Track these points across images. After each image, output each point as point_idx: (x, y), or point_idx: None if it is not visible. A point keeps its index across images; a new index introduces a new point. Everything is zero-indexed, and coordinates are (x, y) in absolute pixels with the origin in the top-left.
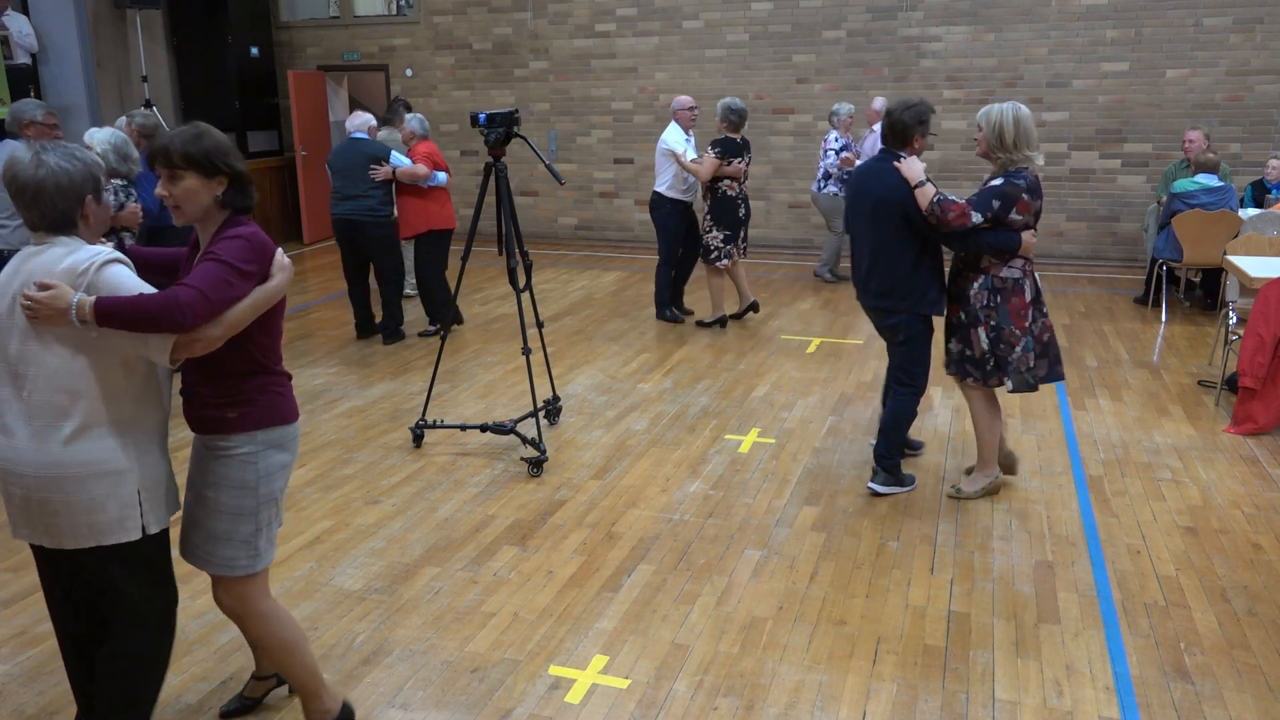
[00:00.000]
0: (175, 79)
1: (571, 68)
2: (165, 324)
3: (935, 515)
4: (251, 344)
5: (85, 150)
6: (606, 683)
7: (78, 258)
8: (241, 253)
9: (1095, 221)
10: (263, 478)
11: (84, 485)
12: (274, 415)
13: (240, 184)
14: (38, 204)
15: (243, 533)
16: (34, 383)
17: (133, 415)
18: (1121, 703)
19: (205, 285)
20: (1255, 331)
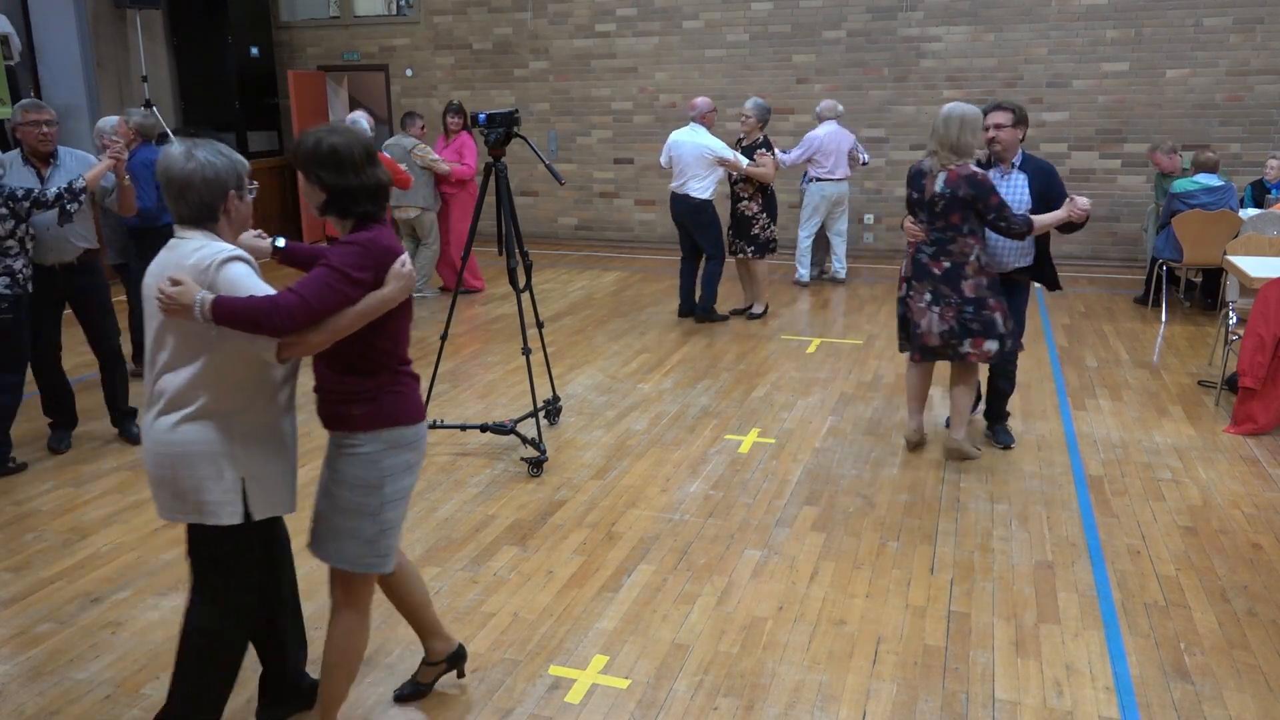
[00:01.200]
0: (175, 79)
1: (571, 68)
2: (266, 327)
3: (935, 515)
4: (373, 346)
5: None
6: (606, 683)
7: (203, 254)
8: (354, 259)
9: (1095, 221)
10: (386, 477)
11: (191, 466)
12: (397, 415)
13: (338, 196)
14: (185, 196)
15: (367, 532)
16: (162, 369)
17: (244, 408)
18: (1121, 703)
19: (309, 292)
20: (1255, 331)
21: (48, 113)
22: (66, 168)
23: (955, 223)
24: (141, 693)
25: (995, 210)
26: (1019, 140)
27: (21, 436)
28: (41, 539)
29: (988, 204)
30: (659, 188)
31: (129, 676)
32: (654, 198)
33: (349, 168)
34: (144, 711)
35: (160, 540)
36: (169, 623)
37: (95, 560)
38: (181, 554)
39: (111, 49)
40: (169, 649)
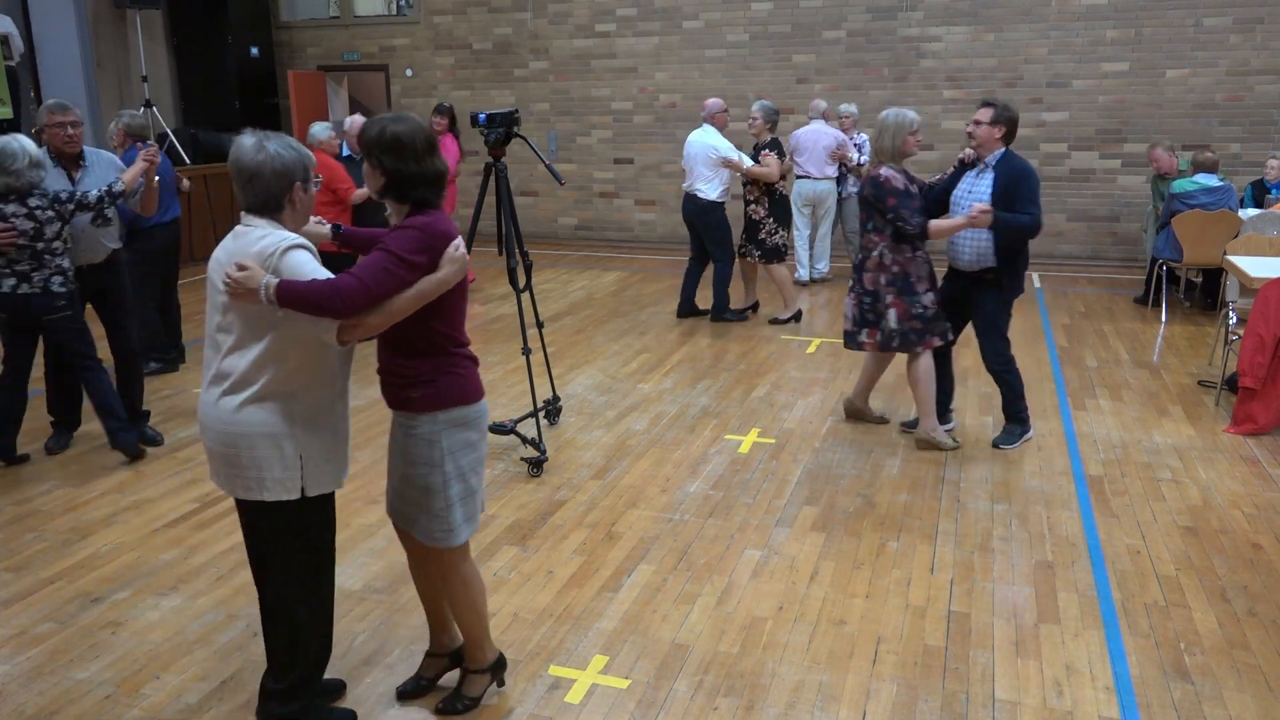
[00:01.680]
0: (175, 79)
1: (571, 68)
2: (327, 309)
3: (935, 515)
4: (429, 329)
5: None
6: (606, 683)
7: (268, 242)
8: (411, 243)
9: (1095, 221)
10: (447, 455)
11: (253, 445)
12: (455, 396)
13: (399, 182)
14: (252, 186)
15: (435, 507)
16: (229, 350)
17: (305, 388)
18: (1121, 703)
19: (367, 275)
20: (1255, 331)
21: (73, 114)
22: (94, 169)
23: (863, 220)
24: (141, 693)
25: (892, 211)
26: (996, 139)
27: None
28: (41, 539)
29: (884, 205)
30: (659, 188)
31: (129, 676)
32: (654, 198)
33: (410, 155)
34: (144, 712)
35: (160, 540)
36: (169, 623)
37: (95, 560)
38: (180, 555)
39: (111, 49)
40: (169, 649)
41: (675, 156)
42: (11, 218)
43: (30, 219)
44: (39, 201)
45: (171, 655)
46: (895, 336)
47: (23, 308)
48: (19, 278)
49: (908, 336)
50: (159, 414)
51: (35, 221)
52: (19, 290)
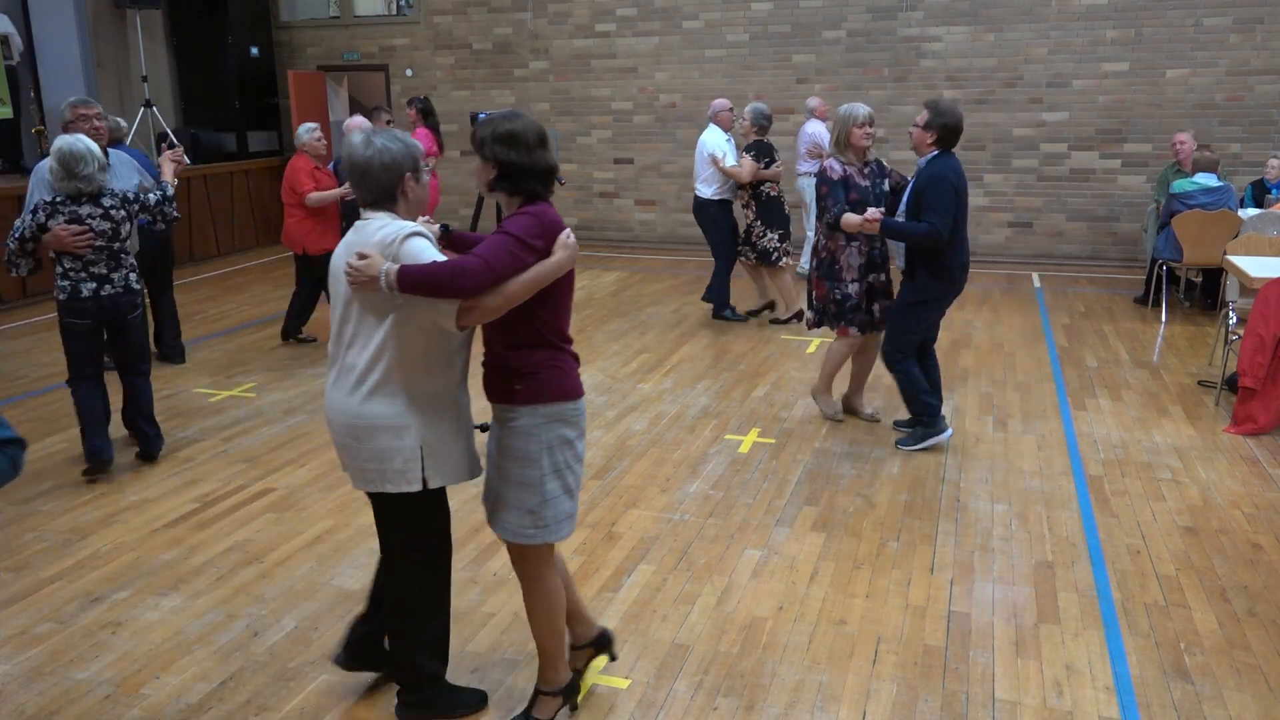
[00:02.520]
0: (175, 79)
1: (571, 68)
2: (450, 288)
3: (935, 515)
4: (535, 317)
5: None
6: (606, 683)
7: (387, 231)
8: (529, 228)
9: (1095, 221)
10: (545, 450)
11: (374, 436)
12: (556, 390)
13: (510, 174)
14: (365, 181)
15: (529, 502)
16: (350, 343)
17: (424, 378)
18: (1121, 703)
19: (490, 255)
20: (1255, 331)
21: (97, 108)
22: (117, 168)
23: None
24: (141, 693)
25: (822, 199)
26: (929, 143)
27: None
28: (41, 539)
29: (819, 192)
30: (659, 188)
31: (129, 676)
32: (654, 198)
33: (523, 148)
34: (144, 711)
35: (160, 540)
36: (169, 623)
37: (95, 560)
38: (180, 555)
39: (111, 49)
40: (169, 649)
41: (675, 156)
42: (88, 220)
43: (107, 219)
44: (112, 201)
45: (171, 655)
46: (815, 314)
47: (110, 310)
48: (99, 280)
49: (822, 319)
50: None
51: (112, 221)
52: (102, 292)
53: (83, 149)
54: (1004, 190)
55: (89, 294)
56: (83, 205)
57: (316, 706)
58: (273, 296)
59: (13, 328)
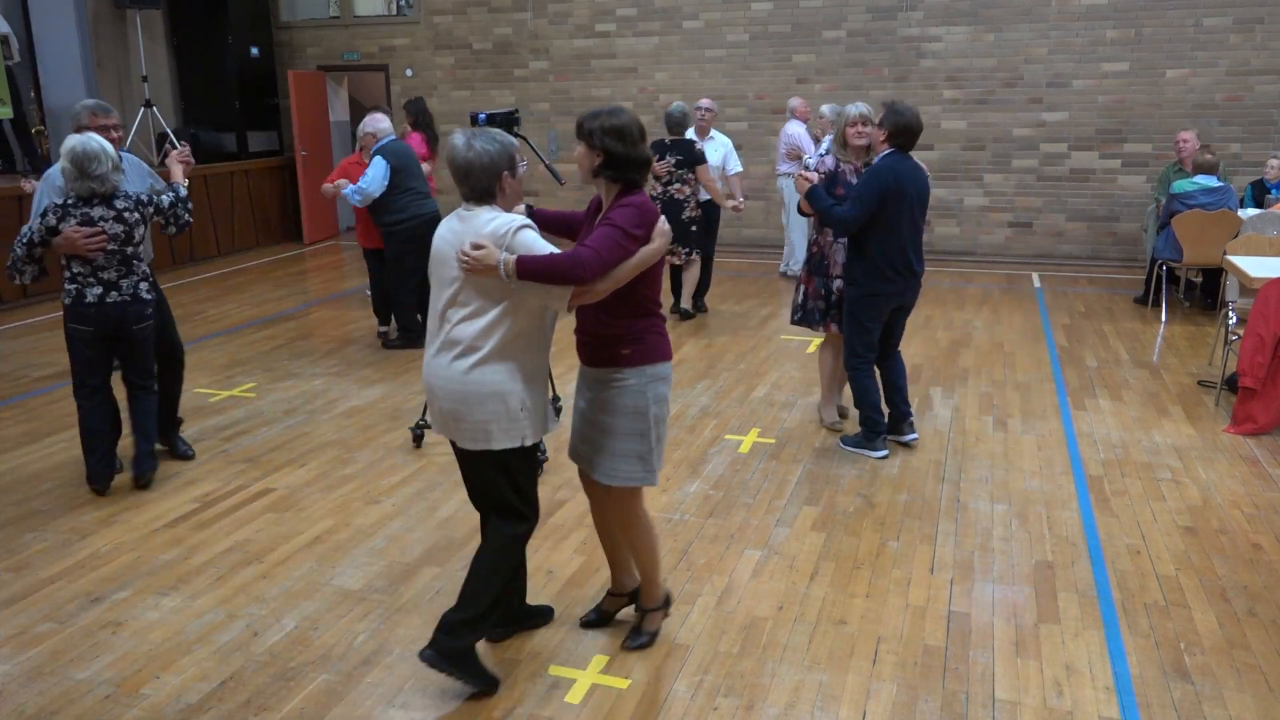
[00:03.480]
0: (175, 79)
1: (571, 68)
2: (569, 278)
3: (935, 515)
4: (637, 292)
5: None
6: (606, 683)
7: (499, 223)
8: (632, 219)
9: (1095, 221)
10: (651, 404)
11: (481, 404)
12: (658, 352)
13: (615, 163)
14: (468, 180)
15: (638, 450)
16: (459, 320)
17: (524, 351)
18: (1121, 703)
19: (601, 247)
20: (1255, 331)
21: (114, 116)
22: (128, 175)
23: None
24: (141, 693)
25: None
26: (881, 141)
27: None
28: (41, 539)
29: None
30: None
31: (129, 676)
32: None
33: (629, 140)
34: (144, 711)
35: (160, 540)
36: (169, 623)
37: (95, 560)
38: (180, 555)
39: (111, 49)
40: (169, 648)
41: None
42: (100, 222)
43: (119, 221)
44: (125, 203)
45: (171, 655)
46: (799, 311)
47: (115, 318)
48: (106, 286)
49: (811, 314)
50: None
51: (125, 224)
52: (108, 299)
53: (96, 147)
54: (1004, 190)
55: (93, 300)
56: (95, 207)
57: (316, 706)
58: (273, 296)
59: (13, 328)
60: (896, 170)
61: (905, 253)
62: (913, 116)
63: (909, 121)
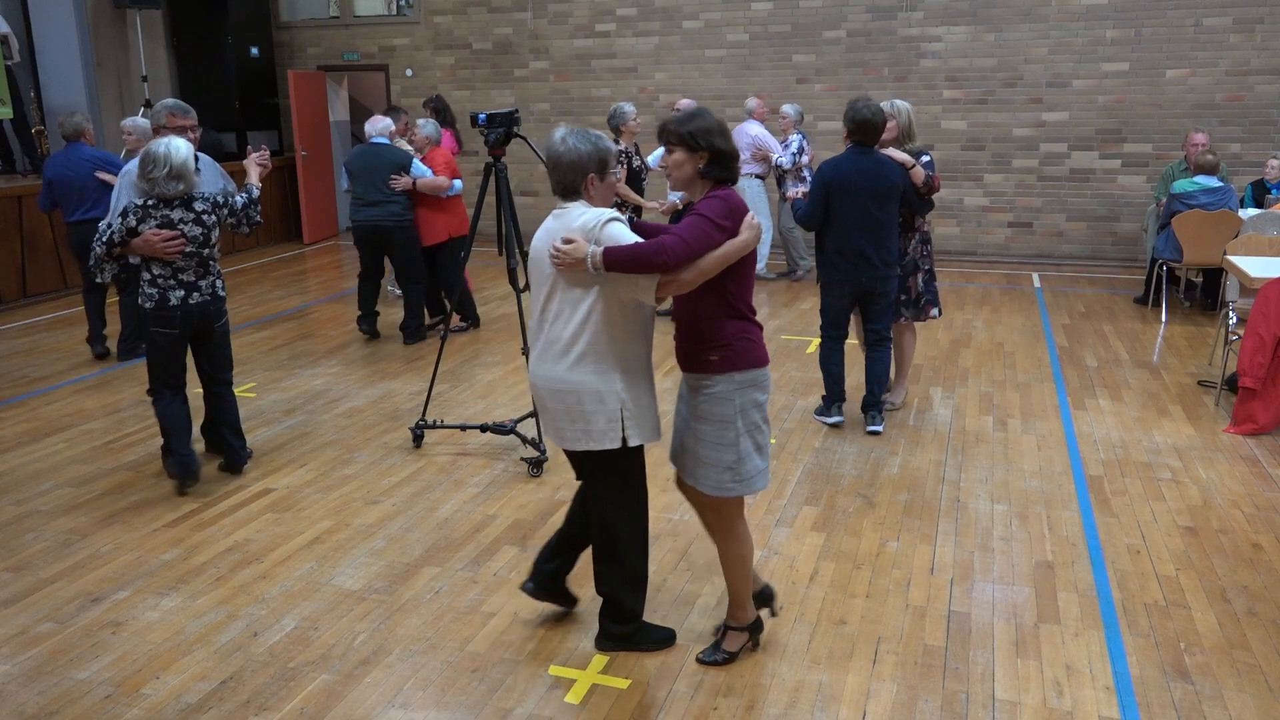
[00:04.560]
0: (175, 79)
1: (571, 68)
2: (654, 264)
3: (935, 515)
4: (725, 290)
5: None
6: (606, 683)
7: (589, 217)
8: (720, 210)
9: (1095, 221)
10: (739, 412)
11: (580, 400)
12: (748, 359)
13: (721, 160)
14: (555, 173)
15: (726, 460)
16: (555, 318)
17: (623, 348)
18: (1121, 703)
19: (687, 233)
20: (1255, 331)
21: (193, 118)
22: (204, 175)
23: None
24: (141, 693)
25: None
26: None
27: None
28: (41, 539)
29: None
30: (658, 188)
31: (129, 676)
32: (653, 198)
33: (727, 135)
34: (144, 711)
35: (160, 540)
36: (169, 623)
37: (95, 560)
38: (180, 555)
39: (111, 49)
40: (169, 649)
41: None
42: (180, 224)
43: (199, 224)
44: (204, 205)
45: (171, 655)
46: None
47: (198, 318)
48: (187, 288)
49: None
50: None
51: (203, 227)
52: (190, 300)
53: (158, 152)
54: (1004, 190)
55: (177, 302)
56: (174, 209)
57: (316, 706)
58: (273, 296)
59: (13, 328)
60: (839, 166)
61: (854, 242)
62: (869, 113)
63: (865, 118)
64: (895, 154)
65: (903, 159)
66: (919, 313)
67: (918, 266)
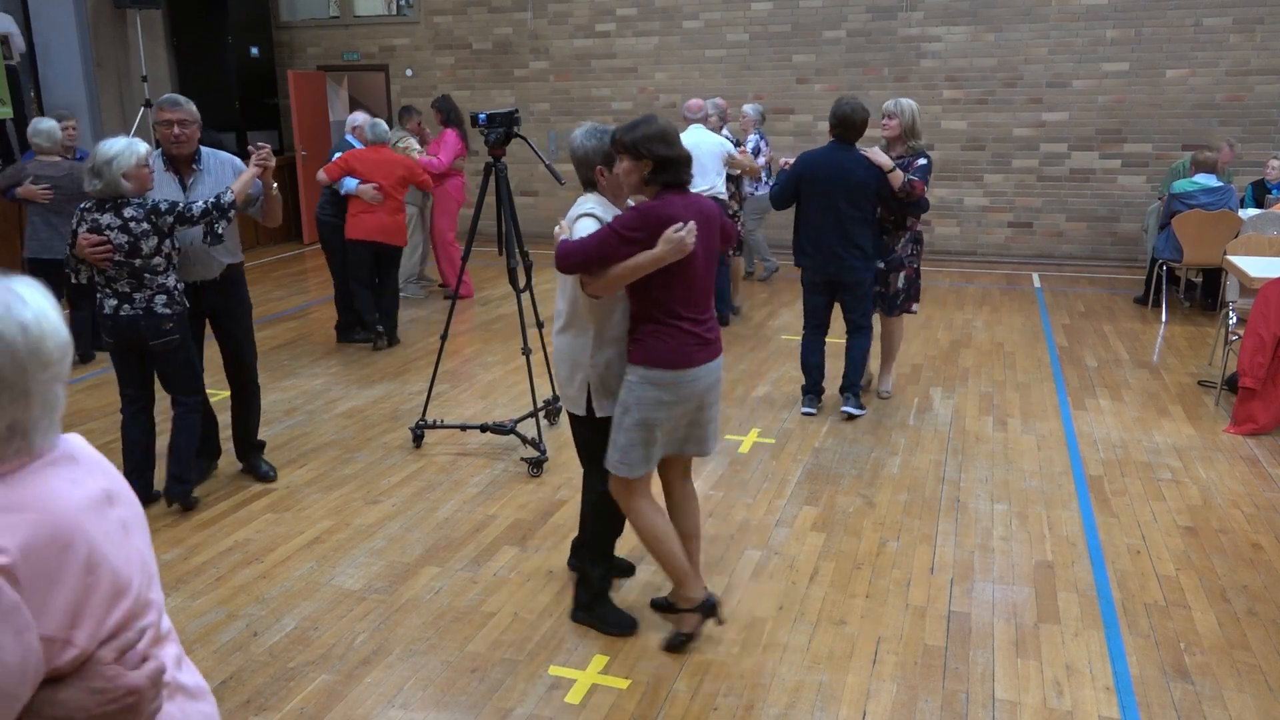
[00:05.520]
0: (175, 79)
1: (571, 68)
2: (557, 263)
3: (935, 515)
4: (650, 293)
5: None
6: (606, 683)
7: (574, 209)
8: (631, 221)
9: (1095, 221)
10: (636, 404)
11: (559, 366)
12: (655, 358)
13: (665, 166)
14: (576, 168)
15: (619, 441)
16: (558, 291)
17: (598, 325)
18: (1121, 703)
19: (588, 240)
20: (1255, 331)
21: (181, 111)
22: (211, 173)
23: None
24: None
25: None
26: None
27: None
28: None
29: None
30: None
31: None
32: None
33: (672, 141)
34: None
35: (159, 540)
36: None
37: None
38: (180, 555)
39: (111, 49)
40: None
41: None
42: (106, 230)
43: (124, 232)
44: (134, 213)
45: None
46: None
47: (130, 332)
48: (120, 298)
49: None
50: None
51: (130, 235)
52: (121, 312)
53: (98, 148)
54: (1004, 190)
55: (110, 311)
56: (105, 214)
57: (316, 706)
58: (273, 296)
59: None
60: (814, 158)
61: (821, 233)
62: (849, 110)
63: (844, 114)
64: (875, 155)
65: (881, 161)
66: (892, 309)
67: (903, 265)
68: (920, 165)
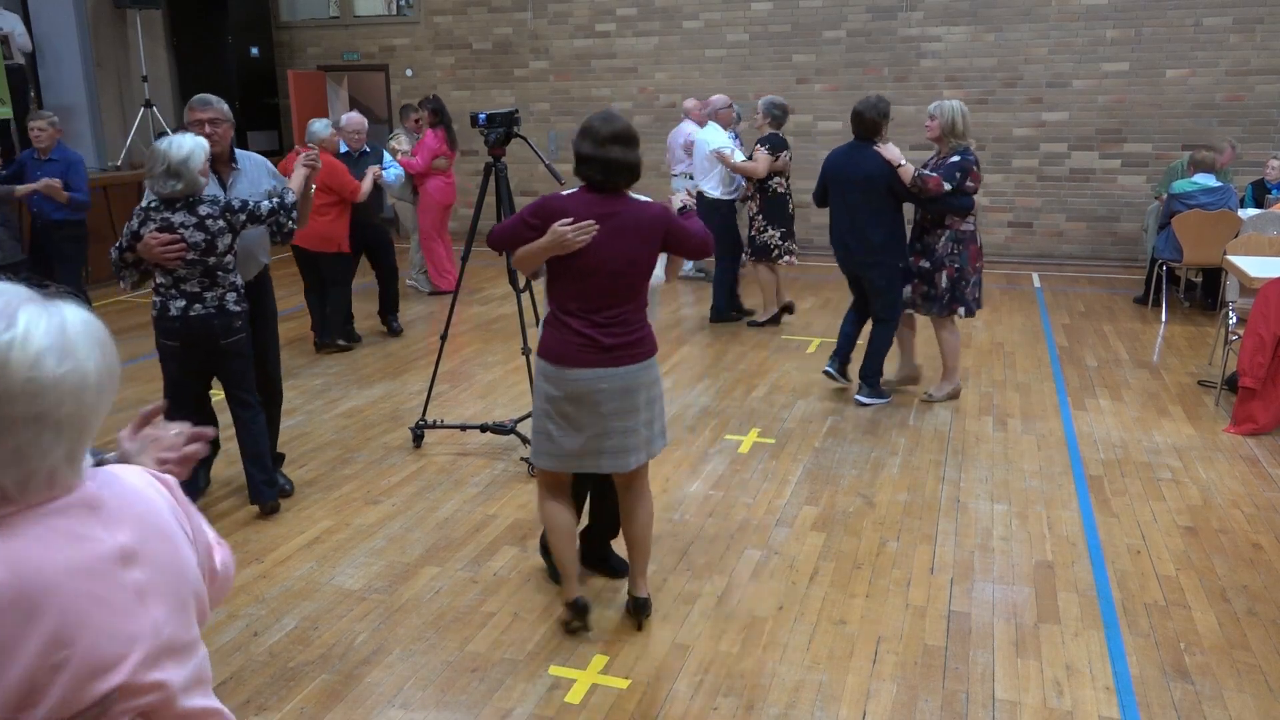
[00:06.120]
0: (175, 79)
1: (571, 68)
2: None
3: (935, 515)
4: (548, 286)
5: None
6: (606, 683)
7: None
8: (532, 209)
9: (1095, 221)
10: (539, 393)
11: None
12: (543, 347)
13: (580, 161)
14: None
15: (534, 425)
16: None
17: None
18: (1121, 703)
19: (505, 223)
20: (1255, 331)
21: (213, 110)
22: (247, 173)
23: None
24: None
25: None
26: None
27: None
28: None
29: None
30: (658, 187)
31: None
32: (652, 198)
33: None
34: None
35: None
36: None
37: None
38: None
39: (111, 49)
40: None
41: None
42: (180, 228)
43: (201, 230)
44: (209, 210)
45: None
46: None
47: (201, 332)
48: (189, 298)
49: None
50: None
51: (206, 233)
52: (191, 311)
53: (160, 148)
54: (1004, 190)
55: (177, 313)
56: (176, 212)
57: (316, 706)
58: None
59: None
60: (833, 156)
61: (837, 228)
62: (863, 108)
63: (858, 112)
64: (886, 151)
65: (890, 156)
66: (943, 309)
67: (945, 264)
68: (950, 162)
